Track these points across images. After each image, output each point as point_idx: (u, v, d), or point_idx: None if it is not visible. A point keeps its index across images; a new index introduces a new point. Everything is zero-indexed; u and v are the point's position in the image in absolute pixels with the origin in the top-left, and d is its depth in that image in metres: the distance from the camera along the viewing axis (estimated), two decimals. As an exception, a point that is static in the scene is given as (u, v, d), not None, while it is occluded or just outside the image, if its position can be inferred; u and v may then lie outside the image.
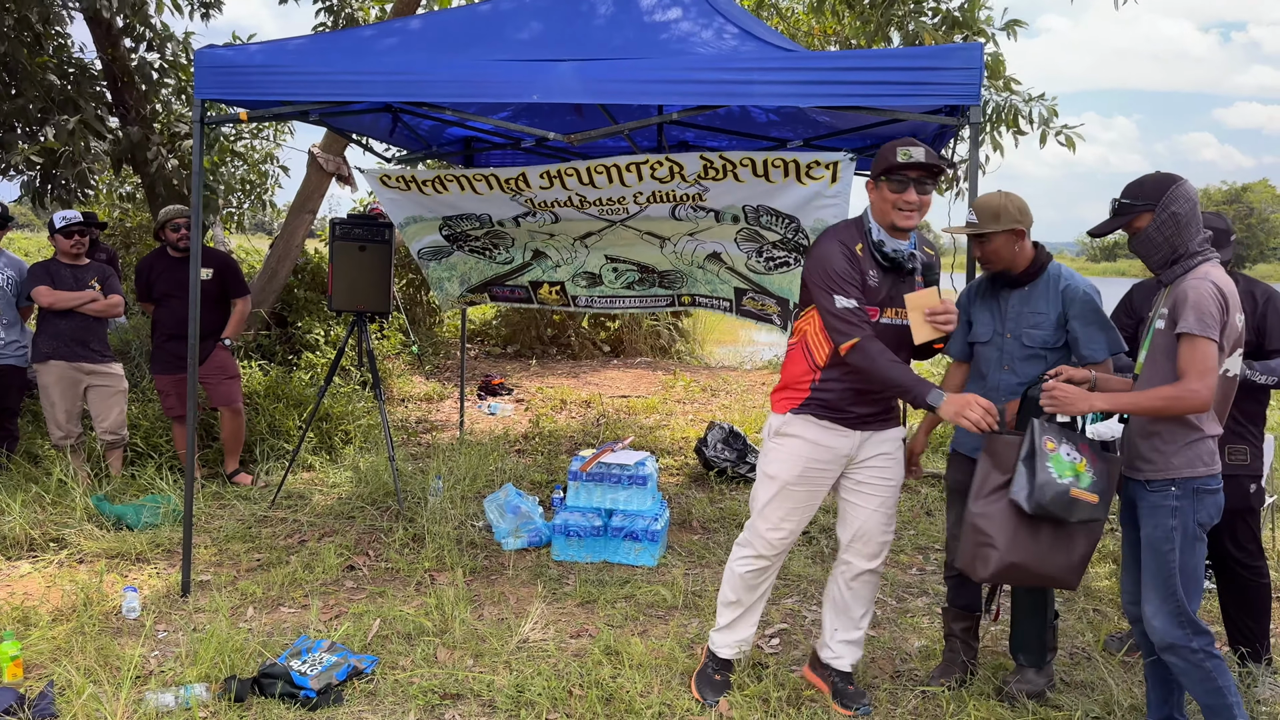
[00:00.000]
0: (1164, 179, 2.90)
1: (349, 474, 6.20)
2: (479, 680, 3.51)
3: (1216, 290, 2.77)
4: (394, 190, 5.14)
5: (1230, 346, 2.84)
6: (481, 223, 5.45)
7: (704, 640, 3.93)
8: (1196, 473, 2.84)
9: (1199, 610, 2.94)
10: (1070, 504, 2.88)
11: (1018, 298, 3.38)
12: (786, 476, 3.31)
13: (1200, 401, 2.74)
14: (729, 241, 5.31)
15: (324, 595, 4.40)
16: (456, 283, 6.42)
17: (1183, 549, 2.85)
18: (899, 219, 3.14)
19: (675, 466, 7.00)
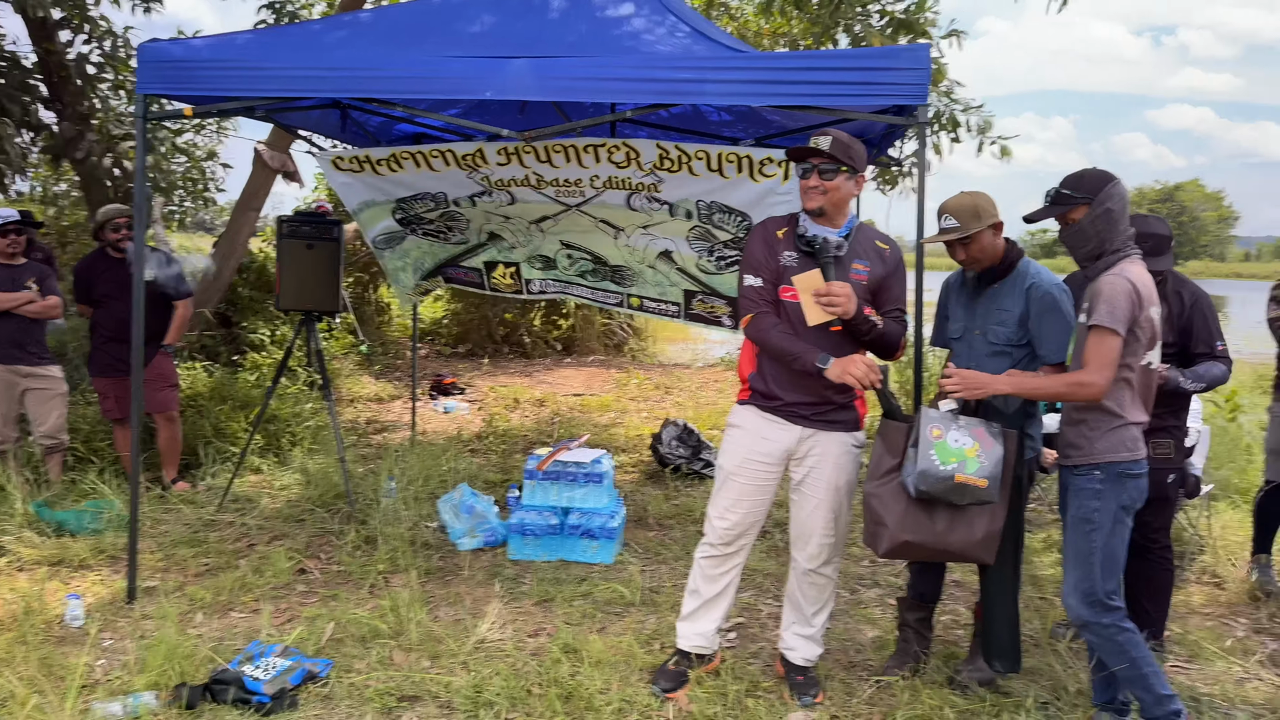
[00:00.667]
0: (1102, 175, 3.01)
1: (298, 476, 6.11)
2: (436, 681, 3.49)
3: (1131, 286, 2.88)
4: (347, 174, 5.06)
5: (1147, 340, 2.96)
6: (437, 202, 5.37)
7: (662, 636, 3.95)
8: (1120, 458, 2.97)
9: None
10: (956, 489, 3.02)
11: (988, 294, 3.44)
12: (730, 466, 3.41)
13: (1096, 392, 2.88)
14: (680, 239, 5.32)
15: (275, 599, 4.33)
16: (411, 271, 6.30)
17: (1104, 531, 2.97)
18: (804, 201, 3.26)
19: (630, 464, 7.01)
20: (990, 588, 3.39)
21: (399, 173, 4.95)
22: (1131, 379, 2.98)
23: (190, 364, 7.36)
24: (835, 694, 3.48)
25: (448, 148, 4.69)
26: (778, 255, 3.30)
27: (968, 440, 3.05)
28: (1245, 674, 3.76)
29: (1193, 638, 4.04)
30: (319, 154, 5.21)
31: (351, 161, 4.98)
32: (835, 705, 3.40)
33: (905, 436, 3.17)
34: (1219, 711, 3.36)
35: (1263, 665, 3.83)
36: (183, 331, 6.03)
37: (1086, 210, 3.00)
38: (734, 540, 3.44)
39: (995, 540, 3.13)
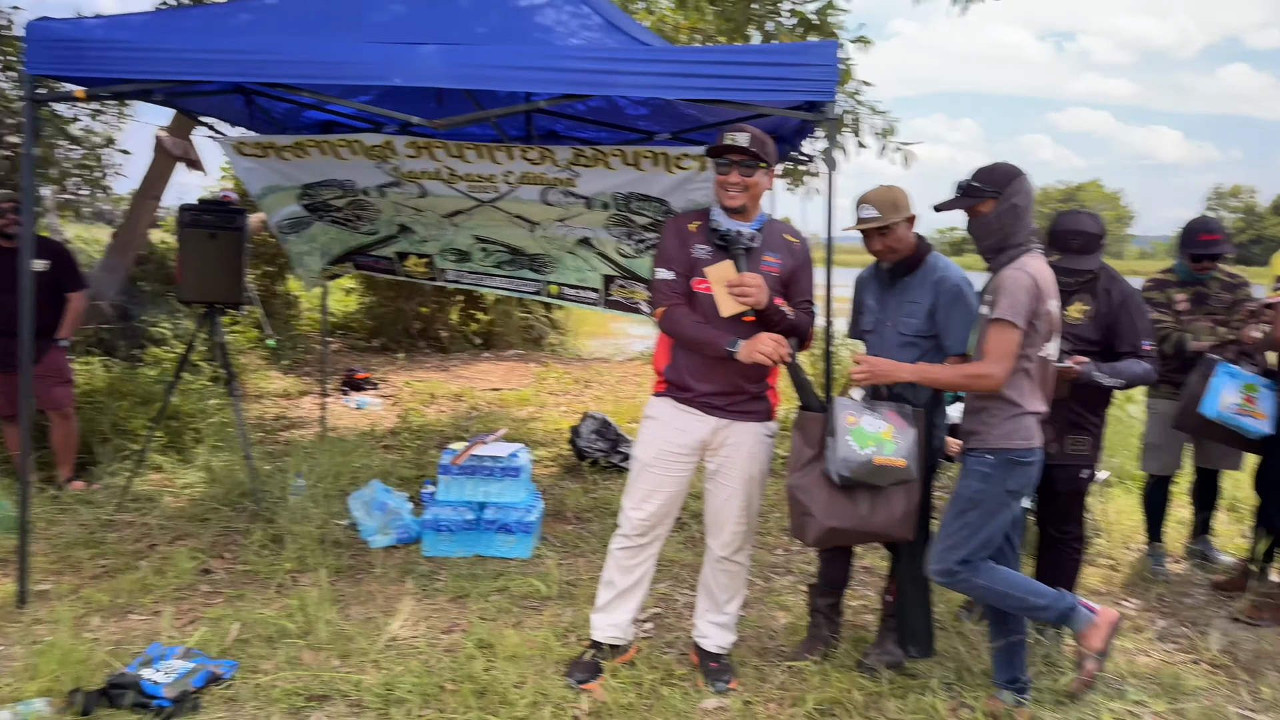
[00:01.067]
0: (1011, 170, 3.09)
1: (202, 474, 5.91)
2: (346, 680, 3.42)
3: (1032, 280, 2.98)
4: (251, 159, 4.90)
5: (1046, 332, 3.06)
6: (345, 190, 5.21)
7: (578, 629, 3.94)
8: (1013, 445, 3.07)
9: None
10: (876, 471, 3.12)
11: (899, 287, 3.53)
12: (645, 457, 3.44)
13: (994, 383, 3.00)
14: (599, 228, 5.32)
15: (177, 601, 4.19)
16: (318, 256, 6.08)
17: (981, 510, 3.08)
18: (724, 198, 3.29)
19: (549, 458, 6.98)
20: (902, 574, 3.48)
21: (305, 159, 4.81)
22: (1030, 369, 3.08)
23: (86, 359, 7.05)
24: (748, 680, 3.53)
25: (355, 138, 4.60)
26: (690, 249, 3.35)
27: (882, 424, 3.14)
28: (1136, 649, 3.93)
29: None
30: (221, 138, 5.03)
31: (255, 147, 4.83)
32: (748, 691, 3.44)
33: (822, 426, 3.24)
34: (1111, 686, 3.51)
35: (1151, 641, 4.02)
36: (77, 325, 5.78)
37: (994, 204, 3.08)
38: (649, 531, 3.47)
39: (914, 517, 3.27)
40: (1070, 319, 3.72)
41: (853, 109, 7.14)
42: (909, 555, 3.45)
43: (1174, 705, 3.39)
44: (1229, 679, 3.64)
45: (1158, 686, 3.54)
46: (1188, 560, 5.08)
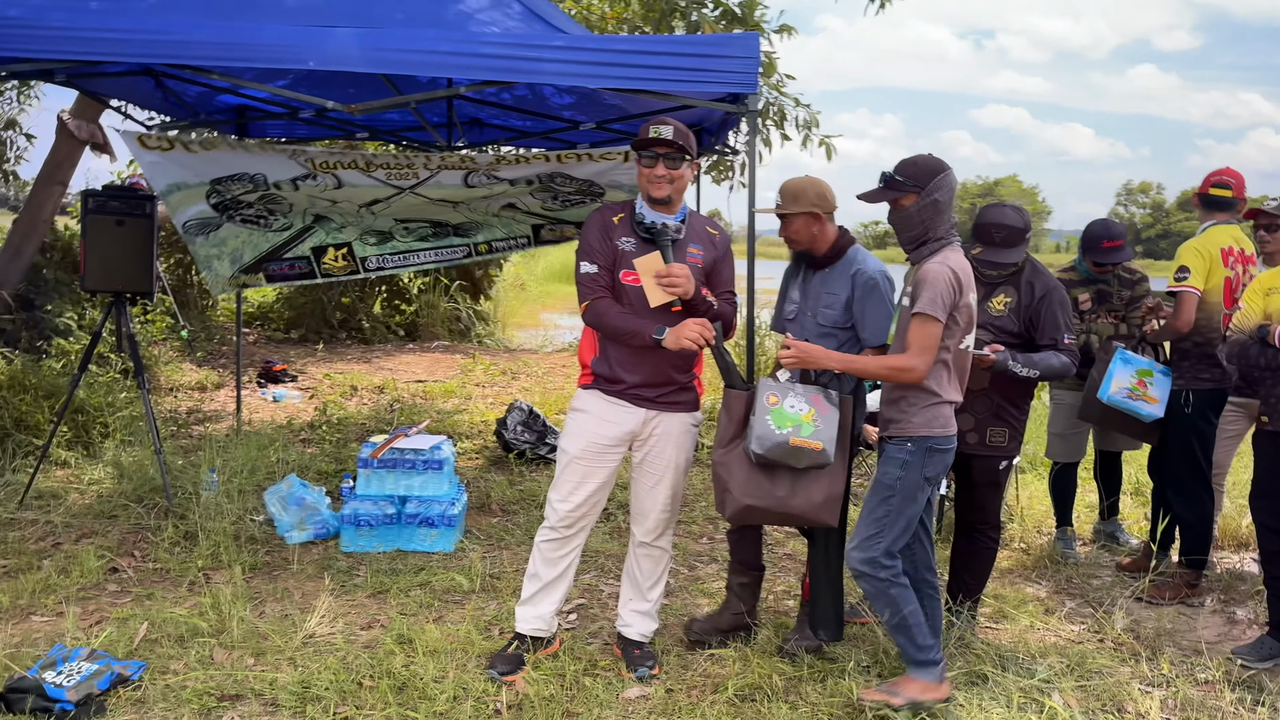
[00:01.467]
0: (934, 165, 3.14)
1: (110, 470, 5.70)
2: (260, 679, 3.33)
3: (952, 274, 3.05)
4: (155, 152, 4.69)
5: (965, 324, 3.14)
6: (255, 184, 5.02)
7: (502, 622, 3.91)
8: (932, 432, 3.15)
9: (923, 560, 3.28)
10: (792, 452, 3.15)
11: (819, 279, 3.61)
12: (573, 449, 3.43)
13: (917, 375, 3.06)
14: (524, 196, 5.30)
15: (83, 601, 4.04)
16: (227, 261, 5.81)
17: (903, 495, 3.16)
18: (650, 190, 3.30)
19: (475, 450, 6.90)
20: (815, 559, 3.54)
21: (213, 150, 4.65)
22: (948, 360, 3.15)
23: (-15, 351, 6.73)
24: (671, 668, 3.54)
25: (268, 141, 4.49)
26: (614, 241, 3.35)
27: (804, 406, 3.18)
28: (1047, 630, 4.06)
29: (1001, 600, 4.34)
30: (123, 131, 4.74)
31: (159, 140, 4.64)
32: (671, 679, 3.46)
33: (746, 405, 3.28)
34: (1021, 666, 3.61)
35: (1061, 622, 4.15)
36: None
37: (916, 198, 3.12)
38: (575, 523, 3.47)
39: (837, 503, 3.29)
40: (992, 311, 3.80)
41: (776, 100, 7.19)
42: (823, 541, 3.50)
43: (1081, 682, 3.51)
44: (1132, 656, 3.78)
45: (1065, 665, 3.65)
46: (1096, 542, 5.27)
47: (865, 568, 3.17)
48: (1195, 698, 3.44)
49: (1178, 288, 4.25)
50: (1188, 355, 4.36)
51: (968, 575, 3.96)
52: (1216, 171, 4.49)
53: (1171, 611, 4.30)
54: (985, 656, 3.64)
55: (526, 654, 3.49)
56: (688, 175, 3.34)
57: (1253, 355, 3.73)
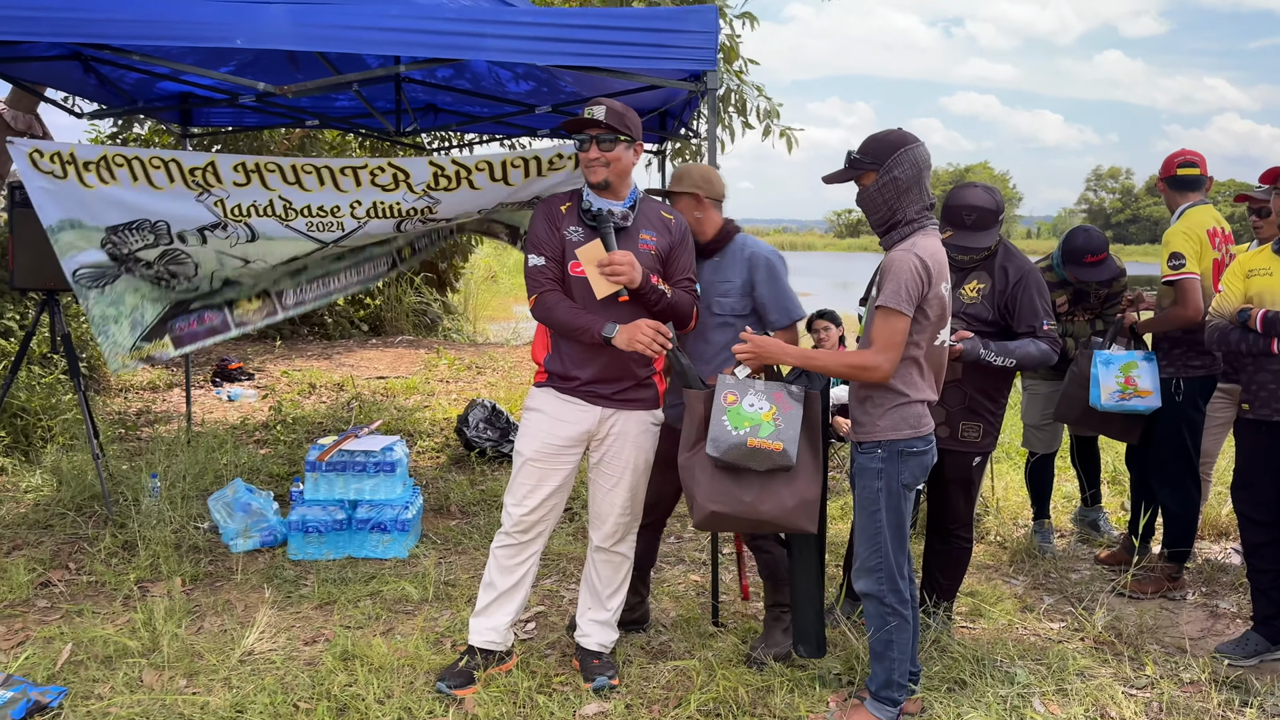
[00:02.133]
0: (895, 140, 2.89)
1: (48, 476, 5.42)
2: (191, 703, 3.10)
3: (918, 263, 2.80)
4: (47, 177, 4.12)
5: (937, 317, 2.90)
6: (157, 235, 4.39)
7: (454, 634, 3.70)
8: (901, 435, 2.90)
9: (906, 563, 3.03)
10: (750, 454, 2.94)
11: (709, 267, 3.46)
12: (528, 450, 3.24)
13: (881, 374, 2.81)
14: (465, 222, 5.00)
15: (8, 619, 3.79)
16: (127, 327, 4.89)
17: (889, 508, 2.93)
18: (587, 174, 3.12)
19: (436, 449, 6.68)
20: (793, 569, 3.32)
21: (111, 185, 4.07)
22: (919, 357, 2.91)
23: (-81, 353, 6.41)
24: (632, 680, 3.35)
25: (173, 157, 4.02)
26: (561, 231, 3.16)
27: (764, 404, 2.96)
28: (1025, 629, 3.90)
29: (977, 597, 4.17)
30: (13, 144, 4.12)
31: (53, 159, 4.07)
32: (631, 692, 3.26)
33: (708, 405, 3.06)
34: (1000, 669, 3.45)
35: (1039, 619, 4.00)
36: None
37: (875, 176, 2.90)
38: (532, 528, 3.27)
39: (812, 506, 3.02)
40: (965, 298, 3.61)
41: (738, 88, 6.96)
42: (801, 549, 3.28)
43: (1061, 686, 3.35)
44: (1114, 656, 3.62)
45: (1044, 668, 3.49)
46: (1076, 533, 5.12)
47: (872, 588, 2.97)
48: (1181, 700, 3.29)
49: (1176, 275, 4.05)
50: (1178, 343, 4.20)
51: (941, 576, 3.80)
52: (1177, 153, 4.32)
53: (1153, 606, 4.16)
54: (963, 659, 3.47)
55: (477, 670, 3.28)
56: (626, 158, 3.13)
57: (1233, 340, 3.58)
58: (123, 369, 5.00)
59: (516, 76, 5.82)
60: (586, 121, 3.04)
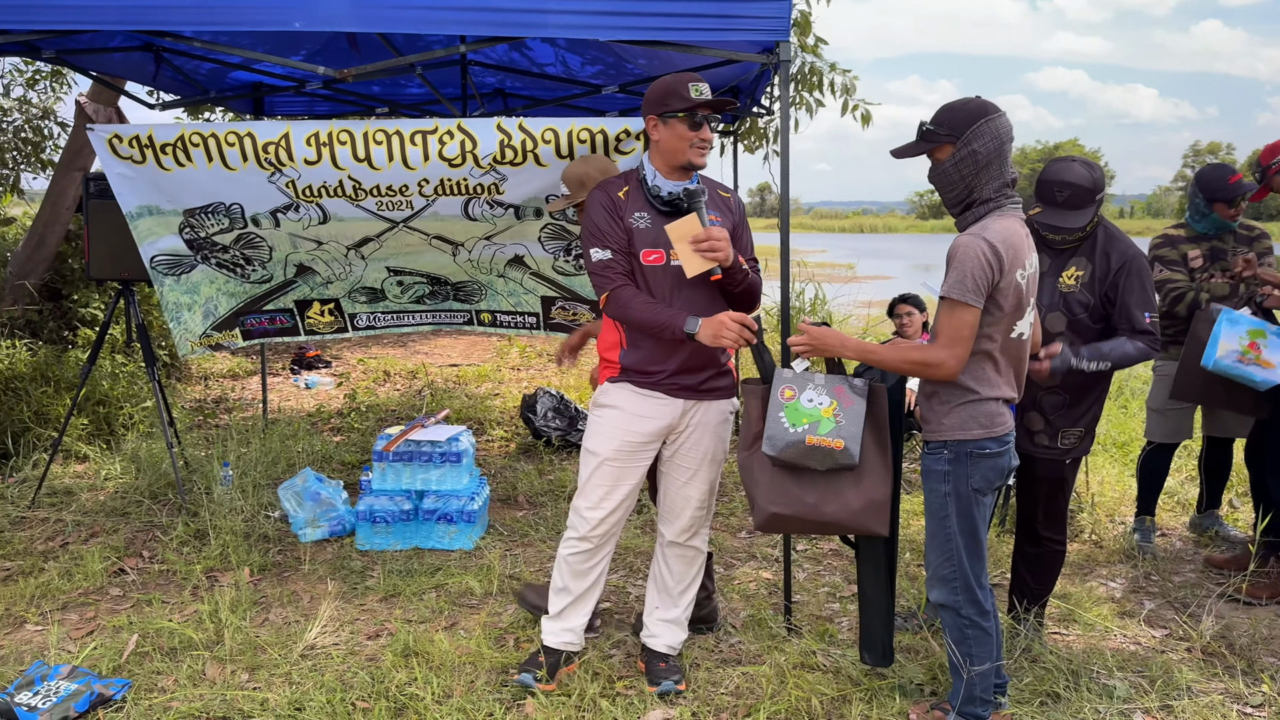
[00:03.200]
0: (975, 110, 2.61)
1: (127, 464, 5.51)
2: (250, 699, 3.06)
3: (987, 248, 2.53)
4: (126, 163, 4.16)
5: (1012, 308, 2.62)
6: (232, 219, 4.47)
7: (518, 630, 3.60)
8: (970, 435, 2.65)
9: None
10: (809, 452, 2.76)
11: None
12: (603, 450, 3.08)
13: (946, 371, 2.58)
14: (532, 242, 4.79)
15: (81, 607, 3.82)
16: (199, 314, 5.04)
17: (959, 514, 2.70)
18: (695, 156, 2.94)
19: (506, 438, 6.62)
20: (861, 572, 3.12)
21: (188, 168, 4.12)
22: (992, 351, 2.64)
23: (10, 342, 6.61)
24: (699, 685, 3.19)
25: (248, 130, 4.00)
26: (624, 219, 2.98)
27: (825, 399, 2.77)
28: (1124, 636, 3.63)
29: (1071, 601, 3.91)
30: (93, 130, 4.17)
31: (131, 144, 4.10)
32: (698, 698, 3.11)
33: (765, 400, 2.88)
34: (1097, 681, 3.20)
35: (1140, 626, 3.72)
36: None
37: (951, 149, 2.64)
38: (607, 531, 3.14)
39: (882, 509, 2.81)
40: (1064, 286, 3.31)
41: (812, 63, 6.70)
42: (867, 551, 3.07)
43: (1166, 701, 3.08)
44: (1225, 670, 3.33)
45: (1146, 680, 3.23)
46: (1192, 535, 4.77)
47: (948, 598, 2.76)
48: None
49: None
50: None
51: (1032, 581, 3.51)
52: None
53: (1268, 614, 3.84)
54: (1056, 670, 3.23)
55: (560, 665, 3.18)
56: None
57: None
58: (190, 354, 5.14)
59: (585, 61, 5.69)
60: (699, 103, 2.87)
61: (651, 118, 2.95)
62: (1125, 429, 6.45)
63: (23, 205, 14.81)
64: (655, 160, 3.00)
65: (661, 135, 2.94)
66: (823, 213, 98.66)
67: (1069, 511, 4.92)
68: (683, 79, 2.91)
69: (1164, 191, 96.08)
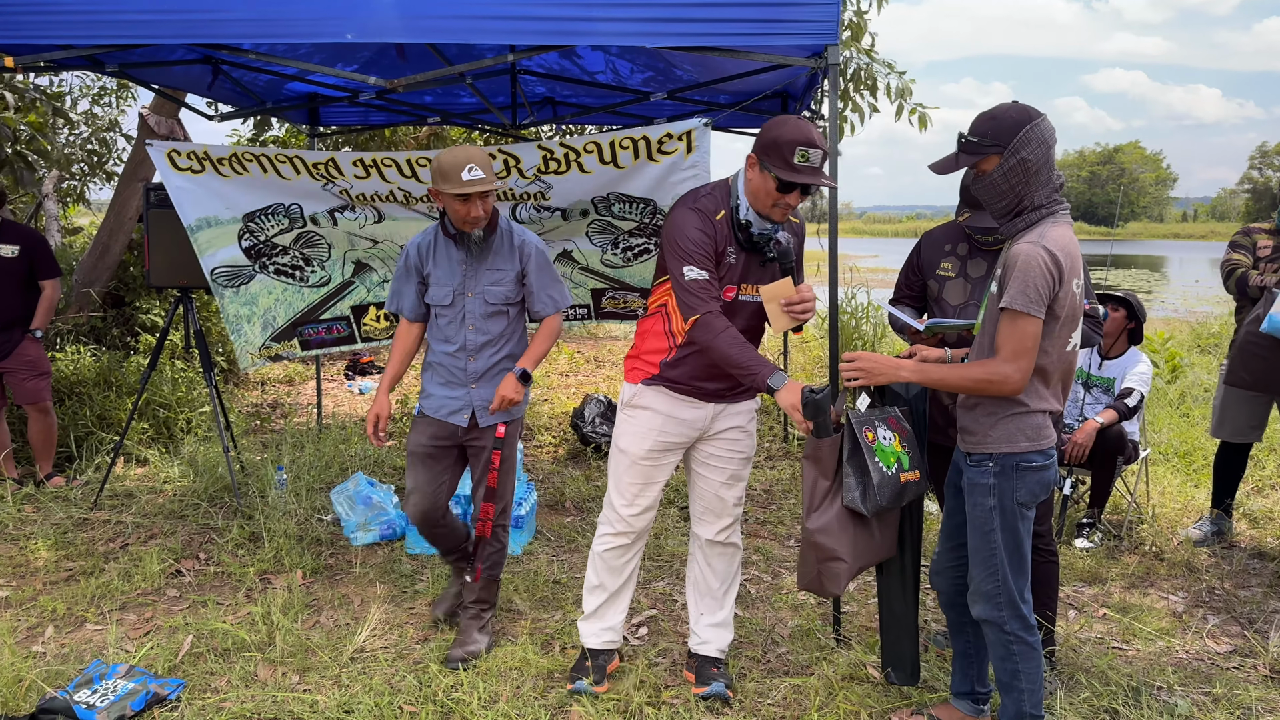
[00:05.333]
0: (1020, 116, 2.50)
1: (185, 468, 5.64)
2: (300, 701, 3.10)
3: (1047, 256, 2.44)
4: (185, 175, 4.30)
5: (1067, 317, 2.53)
6: (291, 219, 4.61)
7: (562, 635, 3.60)
8: (1017, 448, 2.57)
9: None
10: (903, 490, 2.72)
11: (479, 255, 3.36)
12: (637, 450, 3.10)
13: (1012, 386, 2.48)
14: (580, 238, 4.81)
15: (139, 607, 3.91)
16: (259, 326, 5.17)
17: (1004, 529, 2.61)
18: (776, 215, 2.89)
19: (554, 444, 6.64)
20: (884, 588, 3.04)
21: (244, 175, 4.25)
22: (1047, 365, 2.56)
23: (75, 348, 6.81)
24: (746, 695, 3.16)
25: (296, 154, 4.12)
26: (723, 249, 2.94)
27: (889, 434, 2.72)
28: (1186, 652, 3.52)
29: (1130, 614, 3.80)
30: (152, 146, 4.35)
31: (189, 157, 4.26)
32: (745, 709, 3.08)
33: (838, 452, 2.75)
34: (1156, 697, 3.10)
35: (1202, 641, 3.60)
36: (51, 313, 5.50)
37: (999, 160, 2.52)
38: (643, 527, 3.18)
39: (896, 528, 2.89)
40: None
41: (867, 66, 6.62)
42: (892, 567, 3.01)
43: (1231, 721, 2.98)
44: (1293, 688, 3.21)
45: (1209, 698, 3.12)
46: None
47: (991, 614, 2.66)
48: (1378, 745, 2.88)
49: None
50: None
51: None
52: None
53: (1340, 632, 3.69)
54: (1116, 685, 3.14)
55: (605, 664, 3.21)
56: None
57: None
58: (251, 367, 5.27)
59: (635, 68, 5.69)
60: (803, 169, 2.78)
61: (754, 156, 2.88)
62: (1188, 438, 6.27)
63: (89, 215, 15.30)
64: (750, 197, 2.92)
65: (754, 178, 2.88)
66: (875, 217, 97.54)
67: (1129, 522, 4.81)
68: (794, 139, 2.77)
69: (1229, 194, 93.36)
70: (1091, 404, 4.78)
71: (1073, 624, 3.74)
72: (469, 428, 3.46)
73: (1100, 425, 4.53)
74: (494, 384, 3.42)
